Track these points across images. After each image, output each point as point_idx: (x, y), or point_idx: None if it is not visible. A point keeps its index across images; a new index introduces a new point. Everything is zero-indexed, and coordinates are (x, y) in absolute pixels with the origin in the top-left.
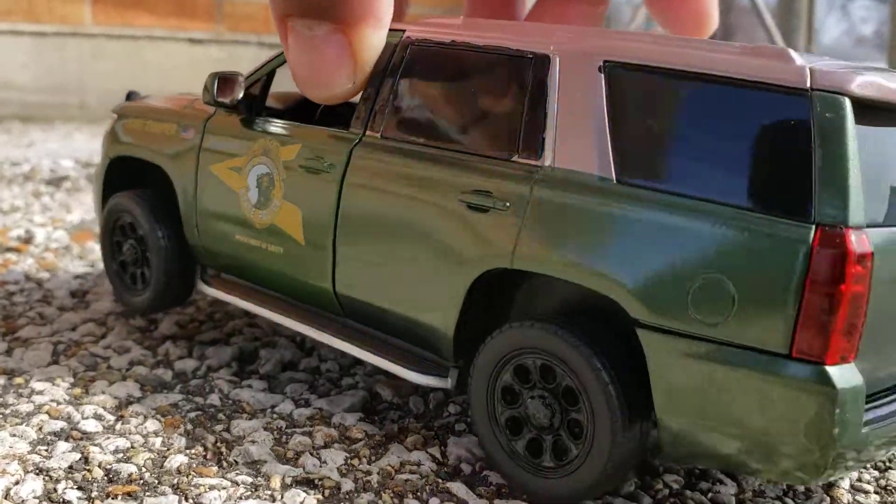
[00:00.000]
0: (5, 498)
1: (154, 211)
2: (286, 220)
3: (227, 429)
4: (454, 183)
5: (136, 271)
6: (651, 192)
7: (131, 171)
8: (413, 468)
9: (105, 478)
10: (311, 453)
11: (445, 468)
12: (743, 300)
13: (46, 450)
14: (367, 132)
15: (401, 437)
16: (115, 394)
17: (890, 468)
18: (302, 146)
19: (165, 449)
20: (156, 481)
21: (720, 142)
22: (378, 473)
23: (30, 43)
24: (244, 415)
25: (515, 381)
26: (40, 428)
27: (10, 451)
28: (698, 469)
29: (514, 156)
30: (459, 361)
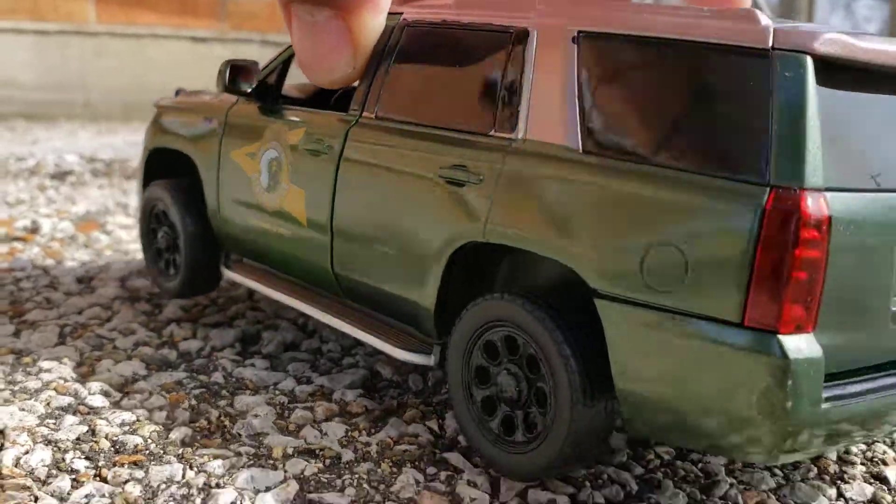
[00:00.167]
0: (15, 466)
1: (184, 199)
2: (292, 203)
3: (231, 404)
4: (436, 159)
5: (170, 257)
6: (612, 161)
7: (169, 162)
8: (411, 440)
9: (112, 448)
10: (312, 426)
11: (443, 440)
12: (695, 267)
13: (54, 423)
14: (364, 113)
15: (400, 412)
16: (121, 372)
17: (877, 441)
18: (306, 130)
19: (170, 422)
20: (161, 452)
21: (682, 107)
22: (377, 445)
23: (33, 41)
24: (247, 391)
25: (486, 360)
26: (48, 403)
27: (20, 424)
28: None
29: (492, 130)
30: (443, 338)
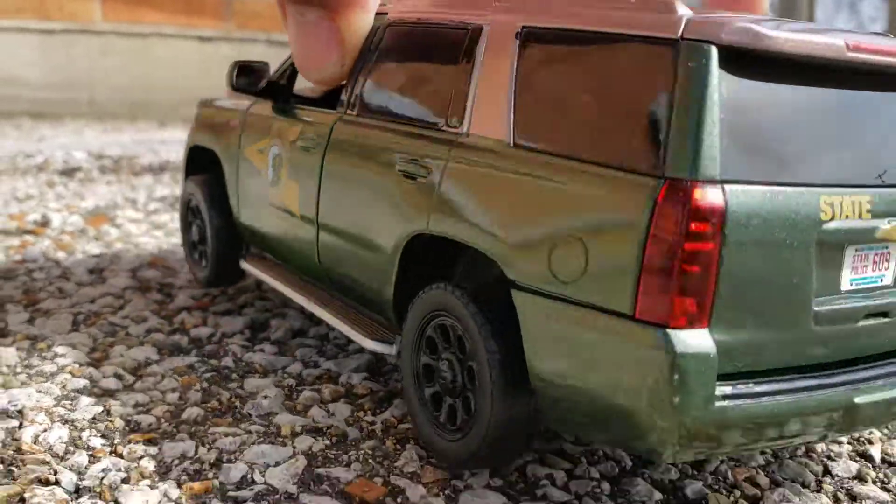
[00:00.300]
0: (35, 443)
1: (211, 194)
2: (288, 197)
3: (241, 386)
4: (394, 153)
5: (202, 249)
6: (531, 154)
7: (205, 159)
8: None
9: (126, 427)
10: (320, 406)
11: None
12: (595, 259)
13: (70, 404)
14: (347, 110)
15: (403, 394)
16: (134, 357)
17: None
18: (302, 126)
19: (182, 403)
20: (174, 430)
21: (597, 99)
22: (381, 423)
23: (40, 40)
24: (256, 374)
25: (431, 349)
26: (64, 385)
27: (37, 405)
28: None
29: (445, 125)
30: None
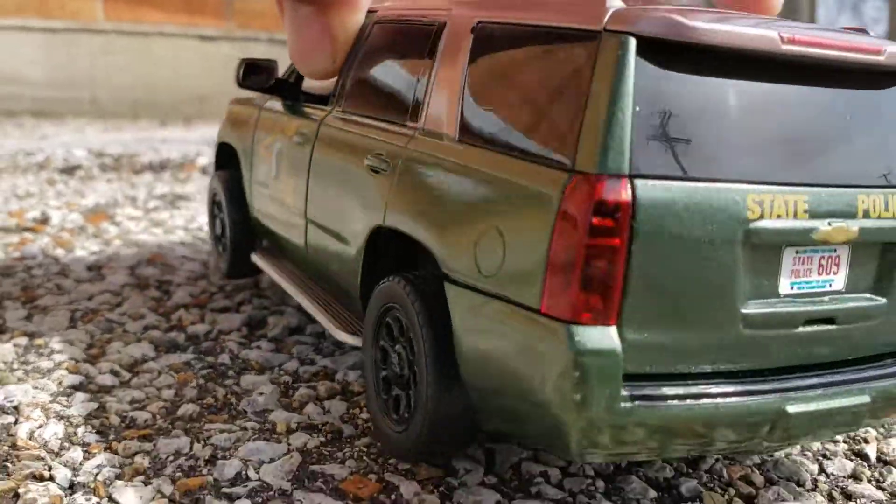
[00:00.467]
0: (30, 439)
1: (230, 189)
2: (285, 190)
3: (237, 383)
4: (366, 148)
5: (224, 241)
6: (471, 149)
7: (230, 155)
8: None
9: (121, 424)
10: (315, 403)
11: None
12: (510, 253)
13: (66, 400)
14: (335, 107)
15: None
16: (131, 353)
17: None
18: (298, 122)
19: (178, 399)
20: (169, 426)
21: (531, 93)
22: None
23: (41, 39)
24: (252, 371)
25: (386, 340)
26: (60, 382)
27: (33, 401)
28: None
29: (407, 120)
30: None
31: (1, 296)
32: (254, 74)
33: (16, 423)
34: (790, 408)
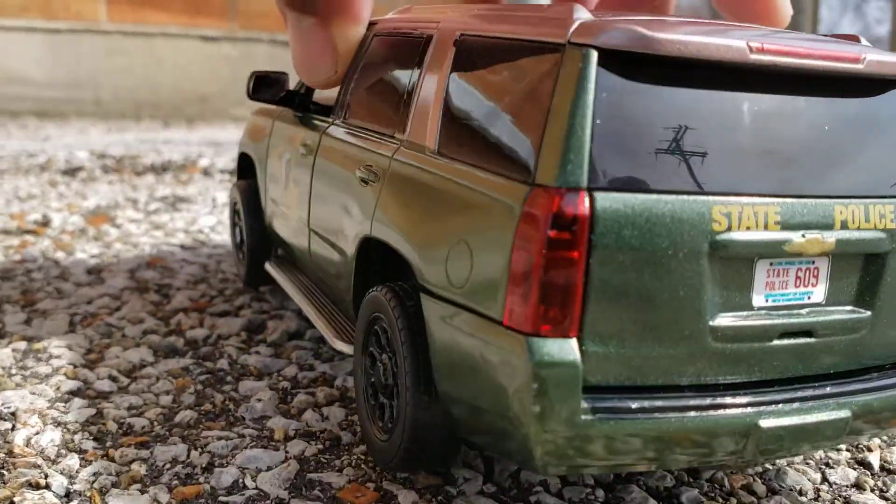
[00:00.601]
0: (27, 446)
1: (248, 198)
2: (292, 199)
3: (235, 389)
4: (359, 159)
5: (244, 249)
6: (450, 161)
7: (249, 165)
8: None
9: (119, 430)
10: (314, 410)
11: None
12: (477, 265)
13: (64, 406)
14: (336, 118)
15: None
16: (129, 358)
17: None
18: (304, 133)
19: (176, 406)
20: (166, 433)
21: (502, 106)
22: None
23: (45, 40)
24: (251, 377)
25: (374, 349)
26: (58, 387)
27: (31, 407)
28: None
29: (395, 132)
30: None
31: (0, 299)
32: (264, 86)
33: (13, 430)
34: (763, 422)
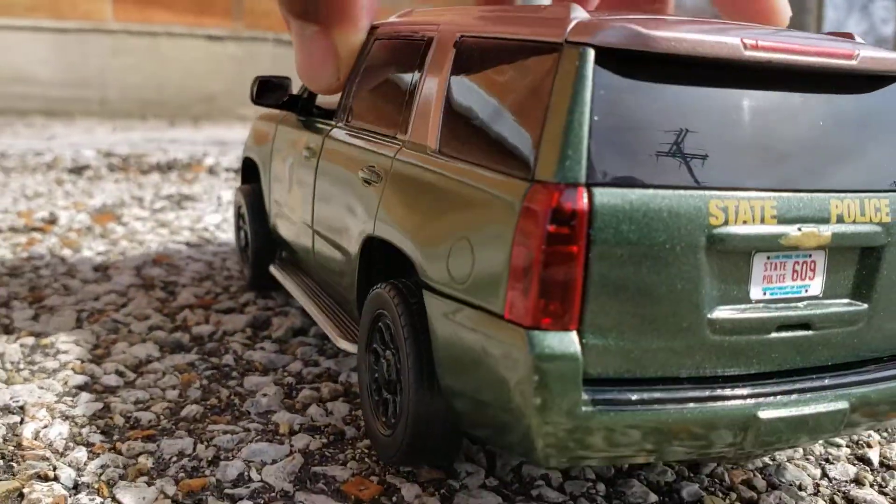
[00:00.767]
0: (35, 439)
1: (252, 202)
2: (295, 201)
3: (241, 384)
4: (361, 161)
5: (248, 253)
6: (450, 160)
7: (253, 169)
8: None
9: (126, 424)
10: (318, 405)
11: None
12: (478, 261)
13: (71, 400)
14: (339, 121)
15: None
16: (136, 354)
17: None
18: (307, 137)
19: (182, 400)
20: (173, 427)
21: (503, 104)
22: None
23: (52, 39)
24: (256, 372)
25: (378, 345)
26: (66, 382)
27: (39, 401)
28: None
29: (396, 133)
30: None
31: (9, 296)
32: (268, 91)
33: (21, 423)
34: (762, 414)
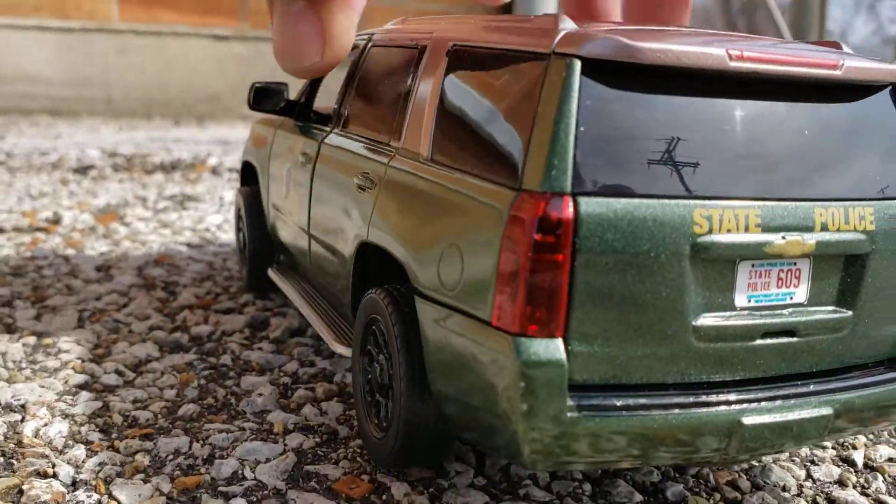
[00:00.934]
0: (35, 436)
1: (250, 205)
2: (292, 207)
3: (237, 384)
4: (355, 167)
5: (246, 254)
6: (441, 168)
7: (252, 172)
8: None
9: (124, 423)
10: (313, 405)
11: None
12: (468, 268)
13: (71, 399)
14: (334, 127)
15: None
16: (135, 353)
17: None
18: (303, 142)
19: (179, 400)
20: (169, 426)
21: (491, 114)
22: None
23: (58, 38)
24: (253, 372)
25: (372, 349)
26: (66, 381)
27: (40, 399)
28: None
29: (390, 140)
30: None
31: (12, 295)
32: (265, 97)
33: (22, 421)
34: (746, 420)
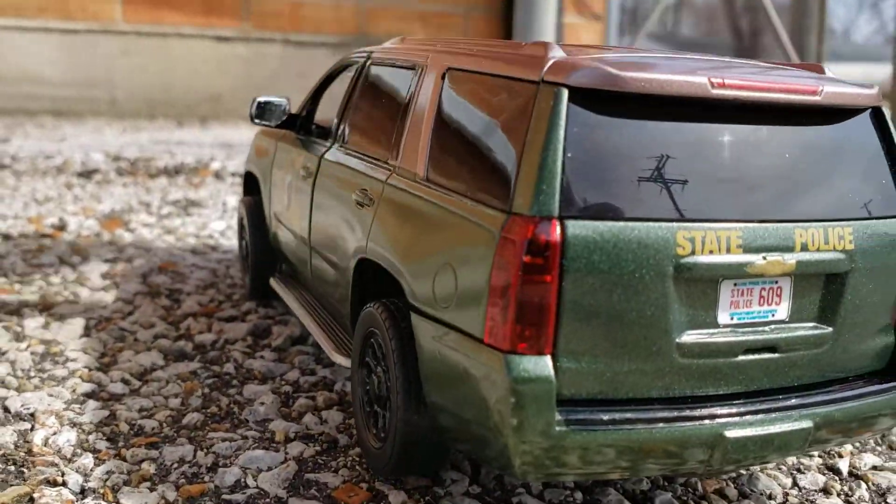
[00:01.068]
0: (45, 445)
1: (252, 215)
2: (293, 218)
3: (240, 392)
4: (354, 184)
5: (248, 264)
6: (436, 188)
7: (254, 182)
8: None
9: (130, 431)
10: (313, 413)
11: None
12: (461, 286)
13: (79, 407)
14: (335, 143)
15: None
16: (141, 362)
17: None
18: (305, 156)
19: (184, 408)
20: (174, 434)
21: (484, 138)
22: None
23: (62, 40)
24: (255, 381)
25: (370, 361)
26: (74, 390)
27: (48, 408)
28: None
29: (388, 158)
30: None
31: (20, 304)
32: (267, 111)
33: (32, 430)
34: (728, 433)
